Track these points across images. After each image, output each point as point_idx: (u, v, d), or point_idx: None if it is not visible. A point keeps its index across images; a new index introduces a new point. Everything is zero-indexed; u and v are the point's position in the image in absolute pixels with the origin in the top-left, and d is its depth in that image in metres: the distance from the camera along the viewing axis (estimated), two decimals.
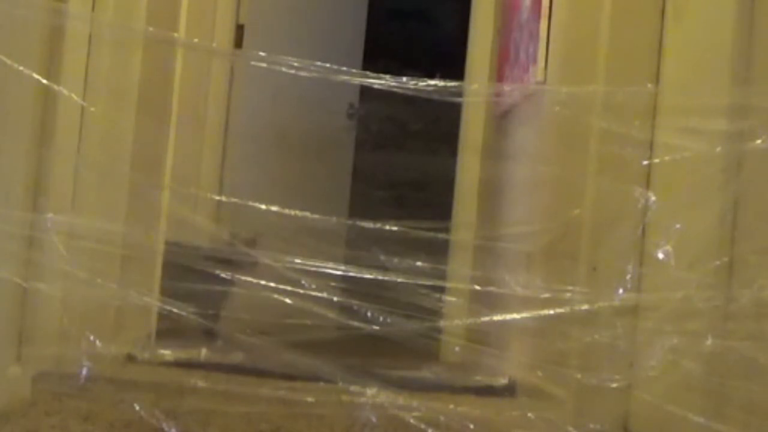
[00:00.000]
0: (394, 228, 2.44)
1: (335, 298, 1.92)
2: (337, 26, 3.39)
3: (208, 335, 2.50)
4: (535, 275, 1.95)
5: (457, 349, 1.92)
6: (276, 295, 1.92)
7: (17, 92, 1.84)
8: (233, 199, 2.14)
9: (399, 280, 2.00)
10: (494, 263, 2.11)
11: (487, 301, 1.93)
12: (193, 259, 2.01)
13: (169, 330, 2.56)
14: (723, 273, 1.66)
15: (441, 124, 4.72)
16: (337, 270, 1.94)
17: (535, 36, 2.69)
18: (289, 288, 1.92)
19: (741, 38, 1.72)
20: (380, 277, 1.95)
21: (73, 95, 2.04)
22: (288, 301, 1.92)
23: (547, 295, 1.82)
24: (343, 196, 4.39)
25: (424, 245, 2.53)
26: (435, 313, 2.00)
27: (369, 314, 1.92)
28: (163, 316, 2.18)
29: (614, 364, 1.80)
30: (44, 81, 1.86)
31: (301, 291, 1.92)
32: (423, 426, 1.79)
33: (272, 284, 1.93)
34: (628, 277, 1.83)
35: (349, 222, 2.12)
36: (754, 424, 1.55)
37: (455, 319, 1.94)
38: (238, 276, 1.93)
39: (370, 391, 1.97)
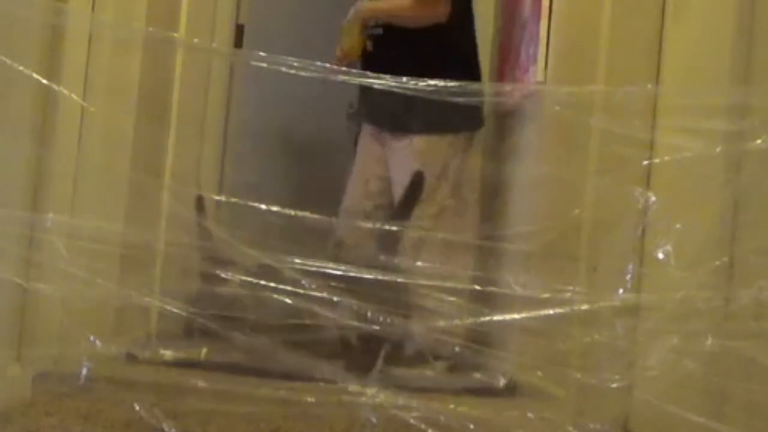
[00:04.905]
0: (394, 228, 2.44)
1: (335, 298, 1.92)
2: (337, 26, 3.38)
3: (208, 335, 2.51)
4: (535, 275, 1.94)
5: (457, 349, 1.92)
6: (276, 295, 1.92)
7: (17, 92, 1.84)
8: (233, 199, 2.13)
9: (399, 280, 2.00)
10: (494, 263, 2.11)
11: (487, 301, 1.93)
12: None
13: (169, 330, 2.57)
14: (723, 273, 1.66)
15: None
16: (337, 270, 1.95)
17: (536, 36, 2.69)
18: (289, 288, 1.92)
19: (741, 38, 1.72)
20: (380, 277, 1.95)
21: (73, 95, 2.03)
22: (288, 301, 1.92)
23: (547, 295, 1.82)
24: (342, 196, 4.39)
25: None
26: (435, 313, 2.00)
27: (369, 314, 1.92)
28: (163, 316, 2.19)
29: (614, 364, 1.80)
30: (44, 81, 1.86)
31: (301, 291, 1.92)
32: (423, 426, 1.79)
33: (272, 284, 1.93)
34: (628, 277, 1.82)
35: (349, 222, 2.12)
36: (754, 424, 1.55)
37: (455, 319, 1.94)
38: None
39: (370, 391, 1.97)
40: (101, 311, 2.09)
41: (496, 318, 1.89)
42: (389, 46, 2.98)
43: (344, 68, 2.39)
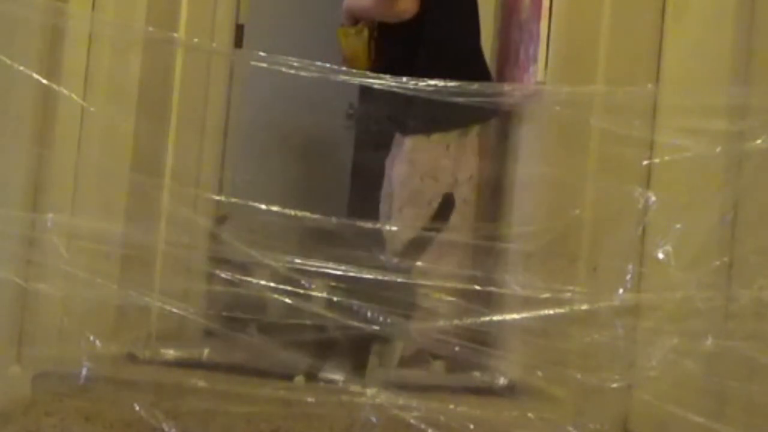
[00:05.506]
0: (394, 228, 2.45)
1: (335, 298, 1.93)
2: (337, 26, 3.39)
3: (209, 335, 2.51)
4: (535, 275, 1.94)
5: (457, 349, 1.92)
6: (276, 295, 1.92)
7: (17, 92, 1.84)
8: (233, 199, 2.13)
9: (399, 280, 2.00)
10: (494, 263, 2.11)
11: (487, 301, 1.93)
12: None
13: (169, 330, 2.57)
14: (723, 273, 1.66)
15: None
16: (337, 270, 1.95)
17: (536, 36, 2.69)
18: (289, 288, 1.92)
19: (741, 38, 1.72)
20: (380, 277, 1.95)
21: (73, 95, 2.04)
22: (288, 301, 1.92)
23: (547, 295, 1.82)
24: (342, 196, 4.39)
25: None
26: (435, 313, 2.00)
27: (369, 314, 1.92)
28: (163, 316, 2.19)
29: (614, 364, 1.80)
30: (44, 81, 1.86)
31: (301, 291, 1.93)
32: (423, 426, 1.79)
33: (272, 284, 1.93)
34: (628, 277, 1.83)
35: (349, 222, 2.13)
36: (755, 424, 1.55)
37: (455, 319, 1.94)
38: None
39: (370, 391, 1.97)
40: (101, 311, 2.09)
41: (496, 318, 1.89)
42: (383, 47, 2.96)
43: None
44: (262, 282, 1.94)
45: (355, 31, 2.98)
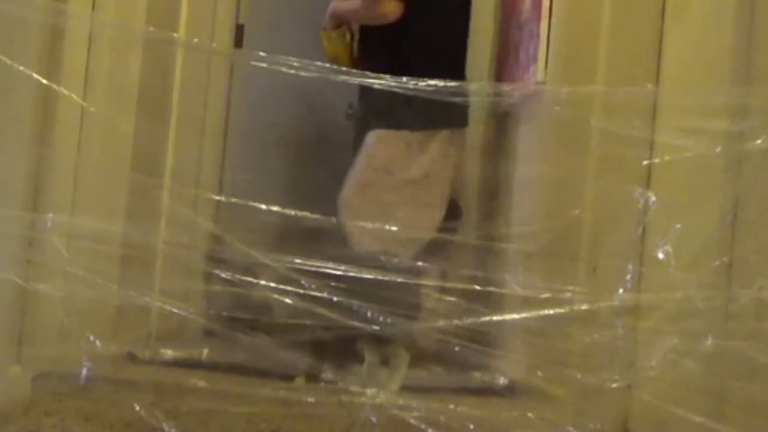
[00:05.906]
0: (394, 228, 2.45)
1: (335, 298, 1.93)
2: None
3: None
4: (535, 275, 1.95)
5: (457, 349, 1.92)
6: (276, 295, 1.92)
7: (17, 92, 1.84)
8: (233, 199, 2.14)
9: (399, 280, 2.00)
10: (494, 263, 2.11)
11: (487, 301, 1.93)
12: None
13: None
14: (723, 273, 1.66)
15: None
16: (337, 270, 1.95)
17: (536, 36, 2.69)
18: (289, 288, 1.92)
19: (741, 38, 1.72)
20: (380, 277, 1.95)
21: (73, 95, 2.03)
22: (288, 301, 1.92)
23: (547, 295, 1.82)
24: None
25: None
26: (435, 313, 2.00)
27: (369, 314, 1.92)
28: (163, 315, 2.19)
29: (614, 364, 1.80)
30: (44, 81, 1.86)
31: (301, 291, 1.93)
32: (423, 426, 1.79)
33: (272, 284, 1.93)
34: (628, 277, 1.83)
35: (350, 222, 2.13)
36: (754, 424, 1.55)
37: (455, 319, 1.94)
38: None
39: (370, 391, 1.97)
40: (101, 311, 2.09)
41: (496, 318, 1.89)
42: (368, 49, 2.96)
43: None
44: (262, 282, 1.94)
45: (336, 33, 2.99)
